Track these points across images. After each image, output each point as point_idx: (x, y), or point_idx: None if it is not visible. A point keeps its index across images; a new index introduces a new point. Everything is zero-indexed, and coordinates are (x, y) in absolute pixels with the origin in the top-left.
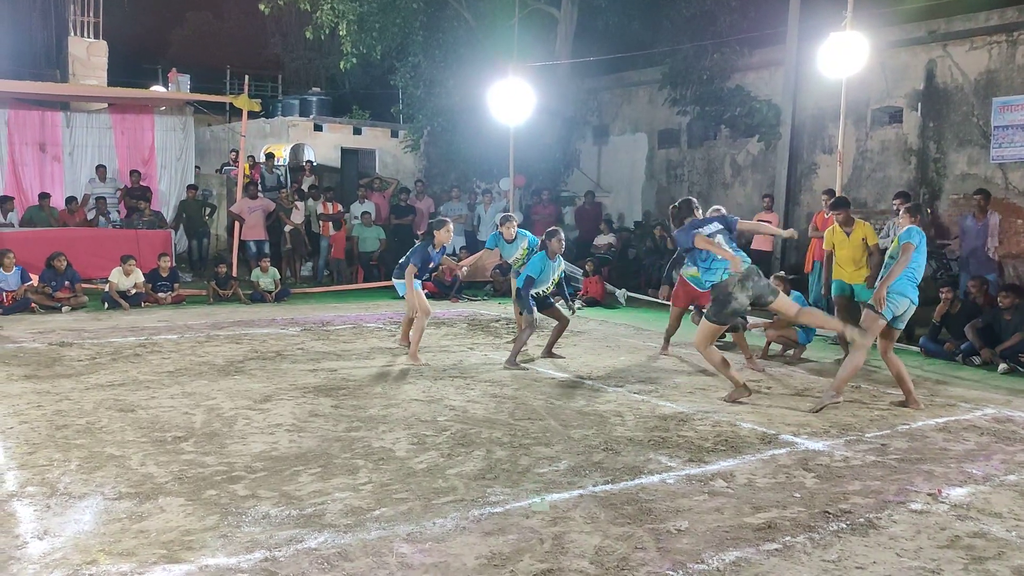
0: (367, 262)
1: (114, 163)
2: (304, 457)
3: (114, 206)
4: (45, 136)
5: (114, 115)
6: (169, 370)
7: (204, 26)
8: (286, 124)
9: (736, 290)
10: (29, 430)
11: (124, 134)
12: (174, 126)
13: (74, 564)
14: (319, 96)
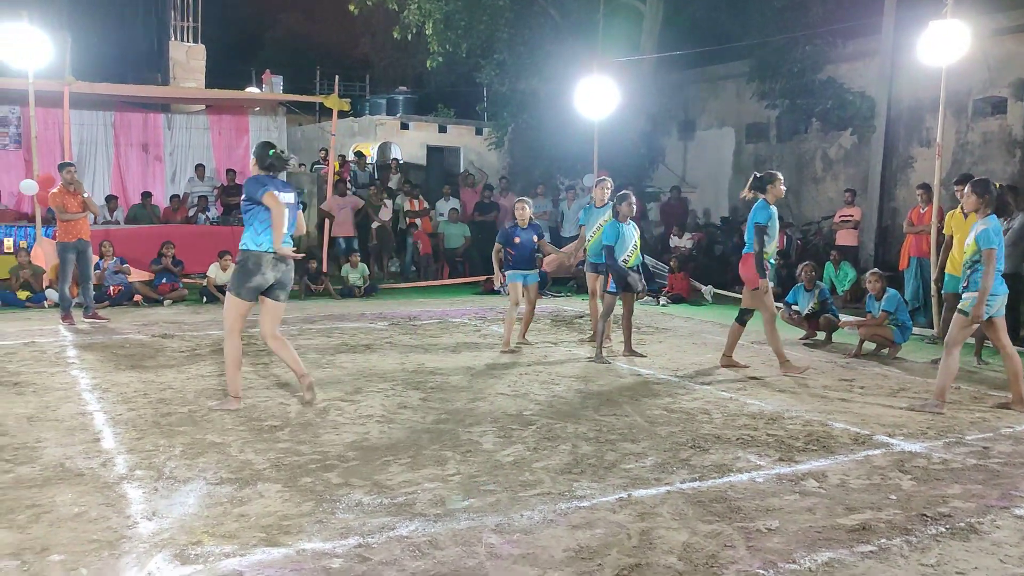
0: (452, 258)
1: (211, 162)
2: (394, 447)
3: (212, 203)
4: (148, 137)
5: (211, 116)
6: (264, 362)
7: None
8: (374, 123)
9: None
10: (136, 417)
11: (221, 134)
12: (268, 126)
13: (180, 544)
14: (405, 95)
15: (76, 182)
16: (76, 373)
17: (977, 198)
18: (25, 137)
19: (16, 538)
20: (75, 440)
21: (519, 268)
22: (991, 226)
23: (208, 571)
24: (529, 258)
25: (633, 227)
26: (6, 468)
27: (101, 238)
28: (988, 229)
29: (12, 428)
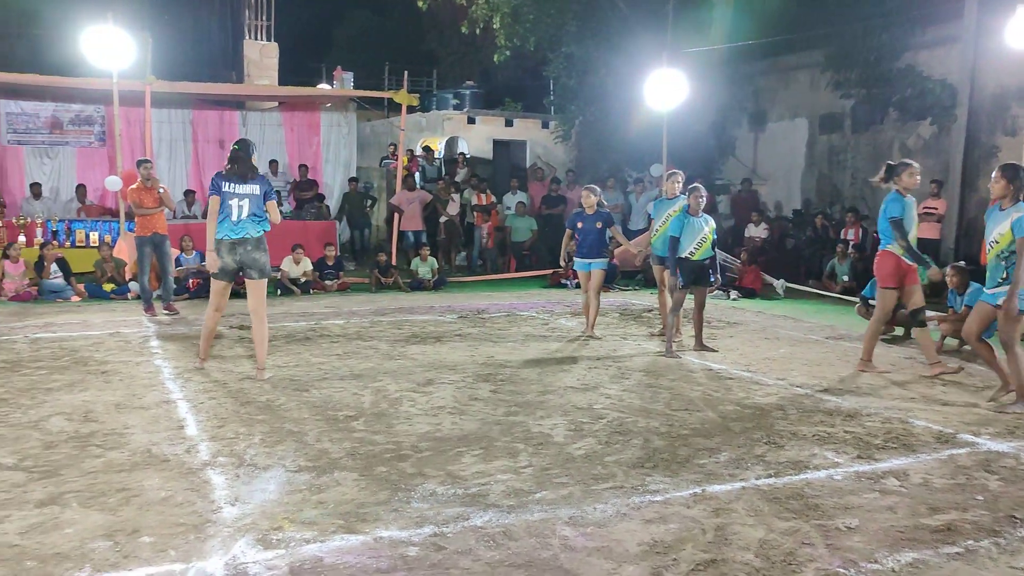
0: (519, 252)
1: (284, 158)
2: (466, 439)
3: (284, 198)
4: (224, 133)
5: (284, 113)
6: (338, 353)
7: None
8: (441, 118)
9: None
10: (217, 405)
11: (293, 130)
12: (338, 122)
13: (262, 529)
14: (472, 89)
15: (152, 178)
16: (159, 362)
17: (1007, 183)
18: (109, 135)
19: (108, 520)
20: (160, 427)
21: (581, 255)
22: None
23: (289, 556)
24: (592, 245)
25: (705, 220)
26: (97, 453)
27: (182, 232)
28: (1023, 217)
29: (101, 415)
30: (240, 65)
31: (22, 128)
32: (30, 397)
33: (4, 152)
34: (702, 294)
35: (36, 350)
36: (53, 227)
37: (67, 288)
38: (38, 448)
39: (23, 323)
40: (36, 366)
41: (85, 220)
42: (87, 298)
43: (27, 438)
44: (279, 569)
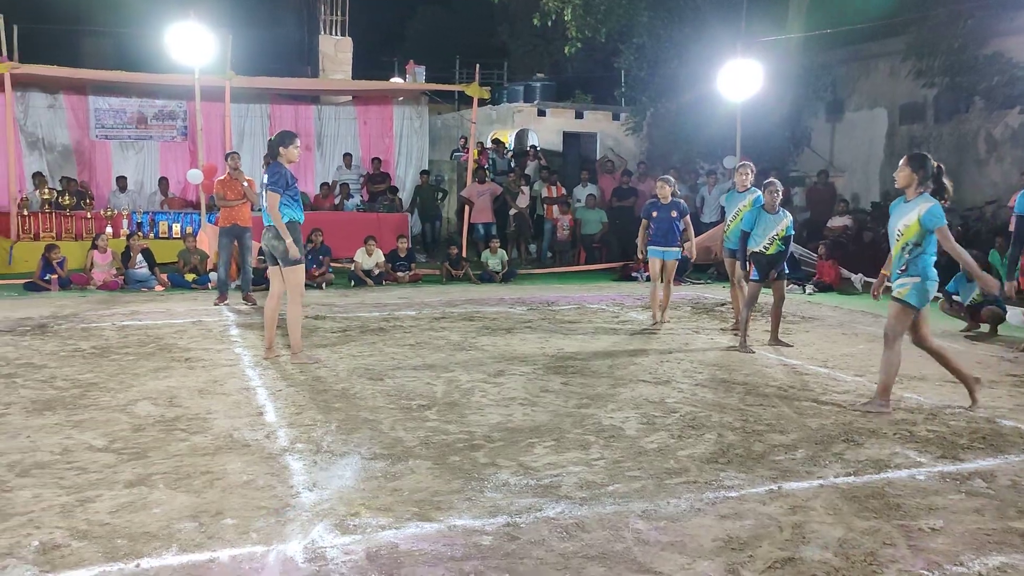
0: (590, 244)
1: (358, 151)
2: (538, 430)
3: (357, 191)
4: (299, 127)
5: (358, 107)
6: (411, 343)
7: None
8: (511, 110)
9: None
10: (295, 393)
11: (367, 124)
12: (410, 115)
13: (340, 515)
14: (543, 82)
15: (238, 170)
16: (239, 350)
17: (911, 172)
18: (191, 129)
19: (194, 501)
20: (241, 413)
21: (656, 244)
22: (934, 203)
23: (366, 541)
24: (666, 234)
25: (782, 215)
26: (183, 437)
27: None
28: (934, 207)
29: (185, 400)
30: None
31: (109, 123)
32: (119, 382)
33: (93, 147)
34: (780, 289)
35: (124, 337)
36: (138, 219)
37: (151, 278)
38: (127, 431)
39: (111, 311)
40: (124, 352)
41: (168, 212)
42: (170, 287)
43: (116, 421)
44: (356, 554)
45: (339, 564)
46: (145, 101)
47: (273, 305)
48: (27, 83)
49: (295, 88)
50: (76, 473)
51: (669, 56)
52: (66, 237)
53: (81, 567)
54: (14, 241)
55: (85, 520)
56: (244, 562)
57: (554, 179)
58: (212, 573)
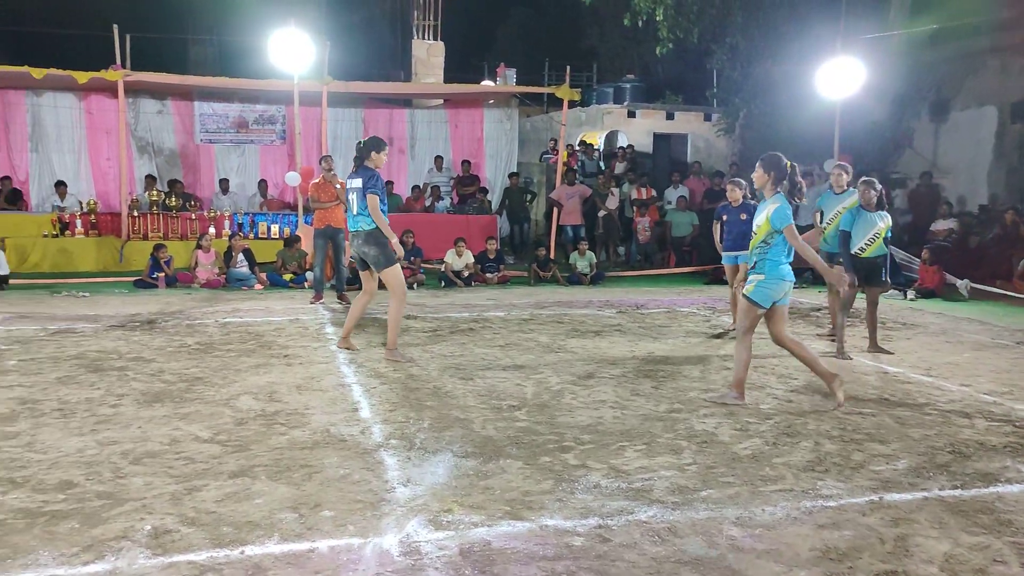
0: (679, 247)
1: (449, 154)
2: (628, 433)
3: (448, 193)
4: (392, 131)
5: (449, 110)
6: (500, 344)
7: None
8: (601, 112)
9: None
10: (388, 390)
11: (458, 127)
12: (500, 118)
13: (433, 511)
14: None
15: (332, 173)
16: (334, 348)
17: (764, 172)
18: (289, 133)
19: (293, 493)
20: (337, 409)
21: (729, 248)
22: (782, 203)
23: (459, 538)
24: (737, 238)
25: (880, 216)
26: (282, 431)
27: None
28: (781, 207)
29: (284, 395)
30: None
31: (213, 128)
32: (222, 377)
33: (197, 150)
34: (874, 293)
35: (226, 333)
36: (239, 220)
37: (251, 277)
38: (230, 424)
39: (213, 308)
40: (226, 348)
41: (267, 213)
42: (268, 286)
43: (220, 414)
44: (449, 550)
45: (433, 559)
46: (246, 106)
47: (364, 302)
48: (138, 90)
49: (388, 92)
50: (184, 463)
51: (763, 56)
52: (172, 237)
53: (190, 552)
54: (125, 240)
55: (193, 508)
56: (342, 553)
57: (643, 181)
58: (312, 563)
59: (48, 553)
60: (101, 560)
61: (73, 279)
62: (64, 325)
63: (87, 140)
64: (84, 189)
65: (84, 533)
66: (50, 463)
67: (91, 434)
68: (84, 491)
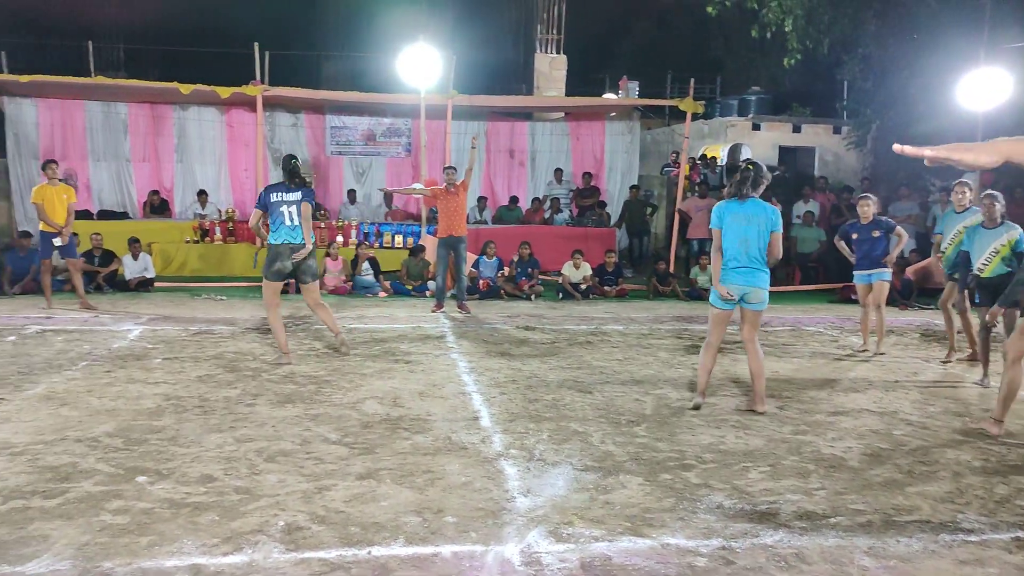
0: (805, 263)
1: (569, 167)
2: (752, 454)
3: (567, 205)
4: (514, 143)
5: (571, 123)
6: (618, 358)
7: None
8: (724, 124)
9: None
10: (507, 400)
11: (579, 139)
12: (622, 131)
13: (554, 522)
14: (758, 95)
15: (454, 184)
16: (455, 356)
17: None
18: (415, 146)
19: (417, 497)
20: (458, 416)
21: (861, 268)
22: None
23: (580, 551)
24: (870, 255)
25: (1005, 229)
26: (406, 436)
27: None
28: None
29: (407, 401)
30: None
31: (343, 140)
32: (348, 380)
33: (328, 162)
34: (1012, 317)
35: (352, 338)
36: (365, 229)
37: (376, 284)
38: (357, 427)
39: (340, 313)
40: (352, 353)
41: (391, 223)
42: (391, 294)
43: (347, 417)
44: (570, 562)
45: (554, 570)
46: (374, 119)
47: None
48: (274, 104)
49: (512, 106)
50: (314, 463)
51: (899, 66)
52: None
53: (321, 549)
54: (259, 248)
55: (323, 506)
56: (465, 559)
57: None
58: (436, 566)
59: (191, 542)
60: (239, 552)
61: (212, 283)
62: (204, 327)
63: (227, 152)
64: (223, 198)
65: (223, 525)
66: (192, 457)
67: (229, 431)
68: (223, 485)
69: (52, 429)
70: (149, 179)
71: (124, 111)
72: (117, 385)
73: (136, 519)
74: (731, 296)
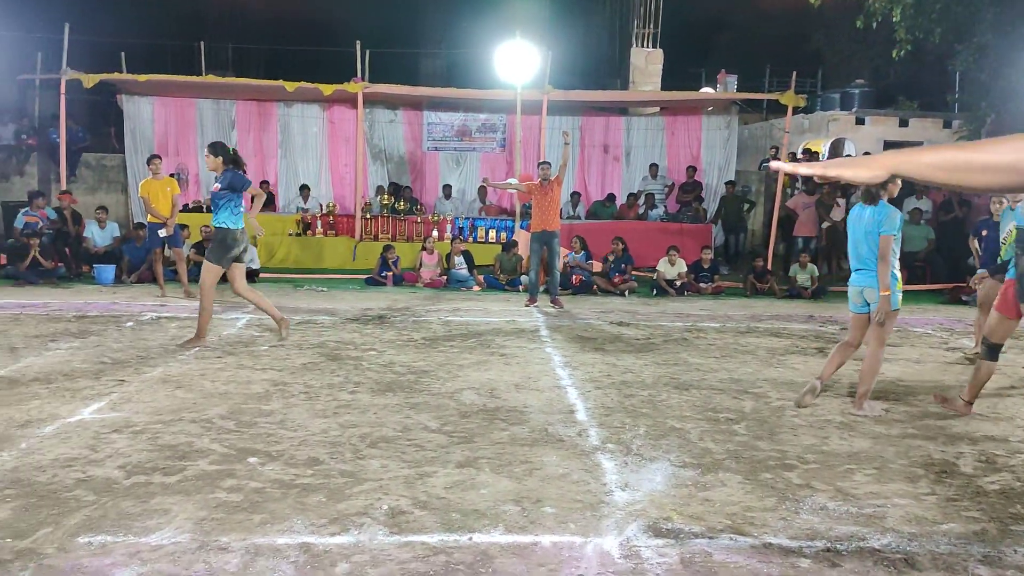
0: (912, 262)
1: (664, 162)
2: (856, 456)
3: (662, 201)
4: (608, 138)
5: (666, 117)
6: (715, 356)
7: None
8: (826, 119)
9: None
10: (603, 395)
11: (674, 134)
12: (719, 125)
13: (652, 517)
14: (862, 88)
15: (548, 179)
16: (549, 350)
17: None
18: (509, 141)
19: (515, 487)
20: (553, 409)
21: (986, 266)
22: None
23: (679, 547)
24: (995, 255)
25: None
26: (503, 427)
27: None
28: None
29: (503, 392)
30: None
31: (438, 136)
32: (446, 371)
33: (424, 157)
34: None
35: (448, 330)
36: (460, 224)
37: (470, 278)
38: (455, 416)
39: (436, 306)
40: (449, 344)
41: (485, 218)
42: (485, 288)
43: (446, 407)
44: (670, 557)
45: (654, 565)
46: (470, 115)
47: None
48: (374, 100)
49: (608, 100)
50: (415, 449)
51: (1019, 56)
52: (399, 239)
53: (424, 533)
54: (358, 241)
55: (424, 492)
56: (564, 549)
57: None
58: (535, 555)
59: (300, 521)
60: (346, 533)
61: (313, 275)
62: (306, 316)
63: (328, 147)
64: (324, 192)
65: (330, 507)
66: (299, 440)
67: (333, 416)
68: (329, 468)
69: (169, 410)
70: (254, 174)
71: (232, 108)
72: (228, 370)
73: (248, 497)
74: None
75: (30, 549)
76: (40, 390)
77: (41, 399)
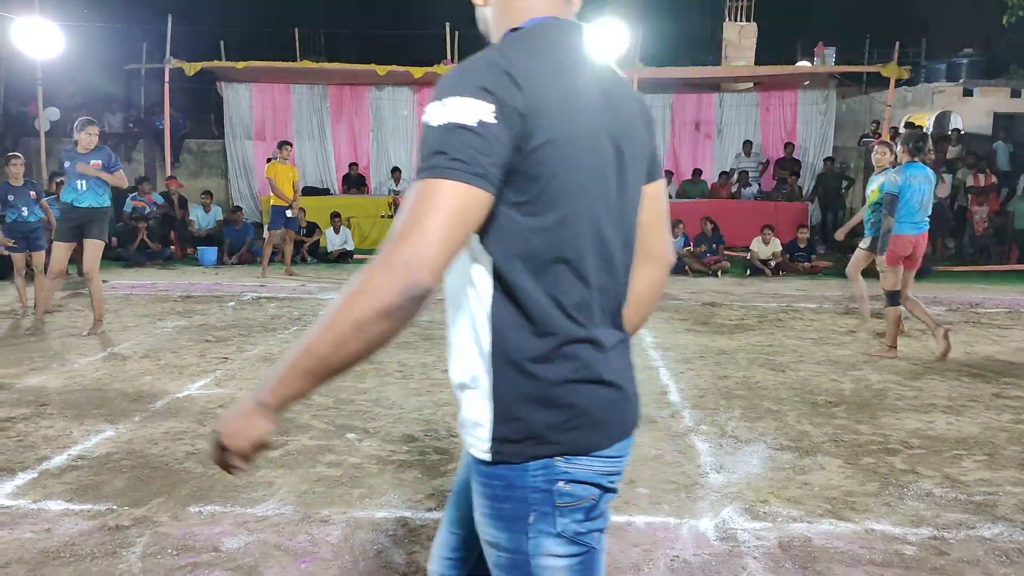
0: (1023, 240)
1: (758, 138)
2: (965, 442)
3: (756, 179)
4: (700, 116)
5: (760, 93)
6: (812, 337)
7: None
8: (931, 91)
9: None
10: (696, 377)
11: (769, 110)
12: (816, 100)
13: (748, 500)
14: (970, 57)
15: None
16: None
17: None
18: None
19: None
20: (646, 391)
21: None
22: None
23: (777, 530)
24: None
25: None
26: None
27: None
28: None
29: None
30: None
31: None
32: None
33: None
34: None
35: None
36: None
37: None
38: None
39: None
40: None
41: None
42: None
43: None
44: (767, 540)
45: (751, 547)
46: None
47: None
48: None
49: (700, 76)
50: None
51: None
52: None
53: None
54: None
55: None
56: (659, 530)
57: (982, 166)
58: (630, 535)
59: (398, 496)
60: (441, 509)
61: None
62: None
63: (418, 130)
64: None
65: (427, 483)
66: (394, 418)
67: (427, 395)
68: (424, 446)
69: None
70: (347, 157)
71: (325, 92)
72: None
73: (348, 472)
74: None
75: (146, 517)
76: (150, 366)
77: (152, 375)
